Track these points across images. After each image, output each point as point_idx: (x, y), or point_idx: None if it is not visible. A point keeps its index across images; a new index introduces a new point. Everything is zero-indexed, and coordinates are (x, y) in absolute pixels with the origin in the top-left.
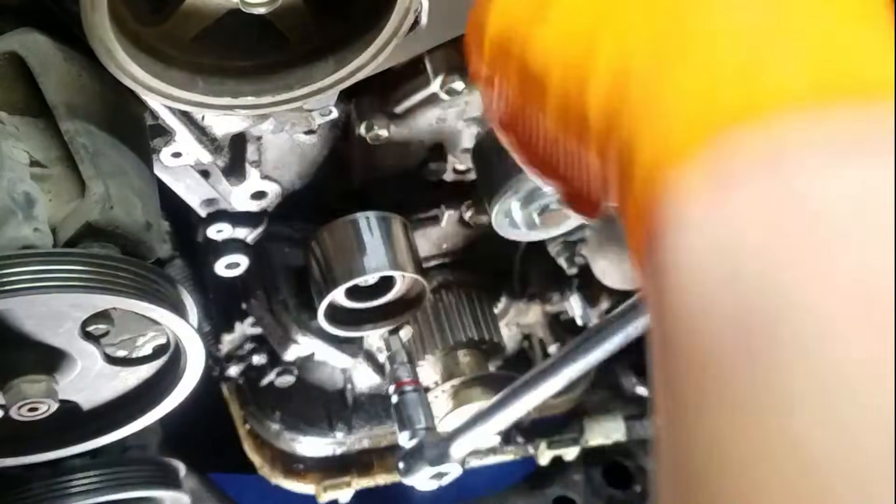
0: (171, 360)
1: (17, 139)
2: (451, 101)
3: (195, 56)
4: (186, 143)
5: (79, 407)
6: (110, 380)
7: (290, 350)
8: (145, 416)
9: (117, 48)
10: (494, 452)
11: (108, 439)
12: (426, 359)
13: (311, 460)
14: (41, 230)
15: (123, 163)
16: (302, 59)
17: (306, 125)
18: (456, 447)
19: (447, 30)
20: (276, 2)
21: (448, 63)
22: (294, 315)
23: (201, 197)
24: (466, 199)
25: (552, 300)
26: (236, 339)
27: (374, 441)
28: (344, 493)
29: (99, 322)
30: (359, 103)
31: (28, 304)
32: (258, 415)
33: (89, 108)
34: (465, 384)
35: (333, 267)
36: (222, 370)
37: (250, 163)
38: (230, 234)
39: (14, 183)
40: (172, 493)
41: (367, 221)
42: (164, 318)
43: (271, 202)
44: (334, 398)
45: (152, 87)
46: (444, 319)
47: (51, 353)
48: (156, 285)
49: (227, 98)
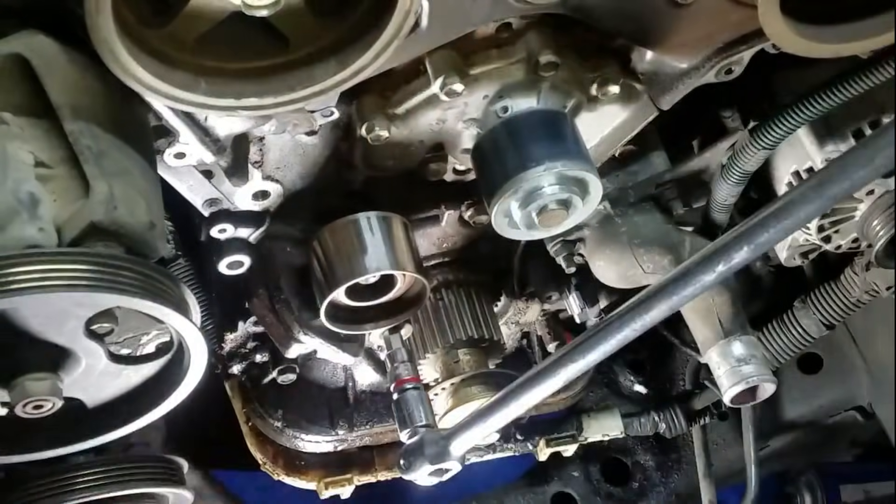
0: (175, 358)
1: (21, 140)
2: (450, 103)
3: (198, 58)
4: (189, 143)
5: (83, 404)
6: (114, 378)
7: (292, 348)
8: (149, 413)
9: (121, 50)
10: (494, 449)
11: (112, 436)
12: (427, 357)
13: (313, 457)
14: (46, 230)
15: (127, 163)
16: (304, 61)
17: (308, 126)
18: (456, 444)
19: (447, 31)
20: (278, 4)
21: (448, 64)
22: (296, 313)
23: (204, 197)
24: (466, 199)
25: (551, 299)
26: (239, 337)
27: (375, 438)
28: (345, 490)
29: (103, 320)
30: (360, 104)
31: (33, 302)
32: (261, 412)
33: (93, 110)
34: (465, 382)
35: (335, 266)
36: (225, 368)
37: (253, 163)
38: (233, 234)
39: (19, 183)
40: (176, 490)
41: (368, 221)
42: (168, 316)
43: (273, 202)
44: (336, 396)
45: (156, 89)
46: (444, 318)
47: (55, 352)
48: (159, 284)
49: (230, 99)
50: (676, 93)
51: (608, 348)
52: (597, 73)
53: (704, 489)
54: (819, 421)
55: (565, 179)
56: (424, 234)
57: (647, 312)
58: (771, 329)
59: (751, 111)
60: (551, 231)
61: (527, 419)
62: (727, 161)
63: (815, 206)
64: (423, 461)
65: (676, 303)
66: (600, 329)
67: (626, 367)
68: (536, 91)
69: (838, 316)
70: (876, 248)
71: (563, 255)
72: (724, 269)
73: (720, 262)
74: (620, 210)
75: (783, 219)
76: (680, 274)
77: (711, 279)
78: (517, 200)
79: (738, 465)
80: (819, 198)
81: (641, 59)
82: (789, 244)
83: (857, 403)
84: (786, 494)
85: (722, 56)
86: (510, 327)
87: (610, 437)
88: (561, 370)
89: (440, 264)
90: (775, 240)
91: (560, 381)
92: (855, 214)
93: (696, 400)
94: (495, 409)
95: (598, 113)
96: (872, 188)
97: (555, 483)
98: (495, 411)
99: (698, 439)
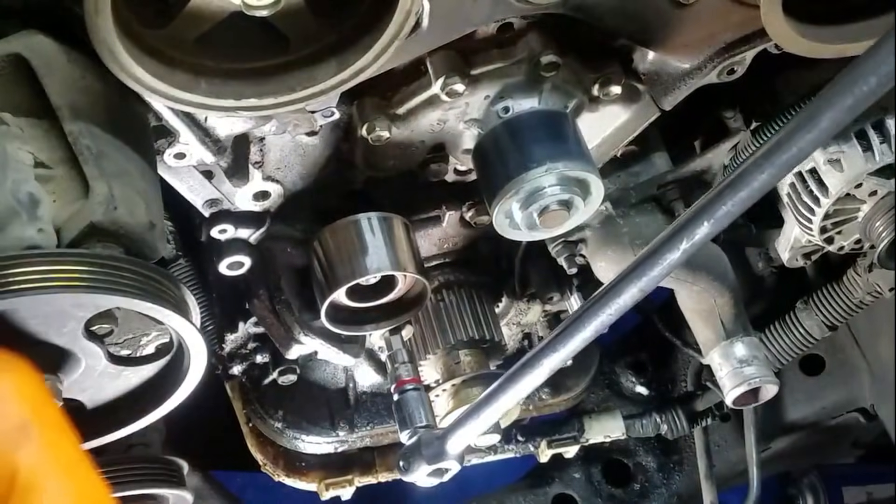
0: (175, 359)
1: (21, 140)
2: (451, 103)
3: (198, 58)
4: (190, 144)
5: (83, 405)
6: (114, 379)
7: (292, 349)
8: (149, 414)
9: (121, 50)
10: (495, 451)
11: (112, 437)
12: (427, 358)
13: (314, 458)
14: (45, 230)
15: (127, 164)
16: (304, 61)
17: (308, 126)
18: (451, 443)
19: (448, 32)
20: (278, 4)
21: (449, 65)
22: (296, 314)
23: (204, 197)
24: (467, 200)
25: (552, 300)
26: (239, 338)
27: (375, 439)
28: (346, 491)
29: (102, 321)
30: (361, 105)
31: (32, 303)
32: (261, 413)
33: (93, 110)
34: (466, 383)
35: (335, 267)
36: (226, 369)
37: (253, 164)
38: (233, 235)
39: (18, 184)
40: (176, 491)
41: (369, 222)
42: (167, 317)
43: (274, 202)
44: (336, 397)
45: (155, 89)
46: (445, 319)
47: (55, 353)
48: (159, 285)
49: (230, 100)
50: (678, 93)
51: (587, 335)
52: (598, 73)
53: (706, 491)
54: (821, 422)
55: (567, 180)
56: (425, 234)
57: (620, 296)
58: (773, 330)
59: (753, 112)
60: (553, 232)
61: (528, 420)
62: (729, 162)
63: (766, 174)
64: (420, 462)
65: (647, 284)
66: (577, 317)
67: (627, 368)
68: (538, 91)
69: (841, 317)
70: (878, 250)
71: (564, 256)
72: (687, 247)
73: (683, 239)
74: (622, 211)
75: (739, 190)
76: (647, 255)
77: (677, 257)
78: (518, 201)
79: (740, 466)
80: (770, 165)
81: (643, 59)
82: (792, 245)
83: (860, 405)
84: (788, 496)
85: (724, 56)
86: (511, 328)
87: (611, 438)
88: (544, 360)
89: (441, 265)
90: (734, 212)
91: (545, 372)
92: (857, 215)
93: (698, 401)
94: (486, 404)
95: (600, 113)
96: (875, 189)
97: (556, 484)
98: (486, 406)
99: (700, 441)
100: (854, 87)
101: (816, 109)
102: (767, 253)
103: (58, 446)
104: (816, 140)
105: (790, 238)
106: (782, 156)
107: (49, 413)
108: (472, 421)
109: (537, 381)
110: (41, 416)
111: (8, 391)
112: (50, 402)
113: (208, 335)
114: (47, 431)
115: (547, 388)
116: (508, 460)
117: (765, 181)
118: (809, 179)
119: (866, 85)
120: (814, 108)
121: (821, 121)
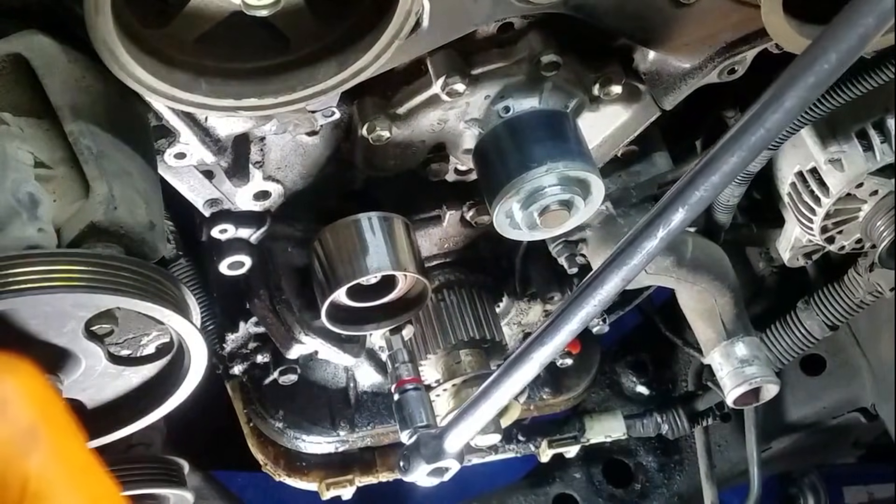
0: (175, 358)
1: (21, 140)
2: (452, 103)
3: (198, 58)
4: (190, 143)
5: (83, 406)
6: (114, 378)
7: (293, 349)
8: (149, 414)
9: (121, 50)
10: (496, 450)
11: (113, 437)
12: (428, 358)
13: (314, 458)
14: (45, 230)
15: (127, 164)
16: (304, 61)
17: (309, 126)
18: (449, 442)
19: (449, 31)
20: (278, 4)
21: (449, 65)
22: (297, 314)
23: (205, 197)
24: (468, 200)
25: (553, 299)
26: (240, 337)
27: (376, 439)
28: (346, 491)
29: (103, 321)
30: (361, 104)
31: (32, 303)
32: (262, 413)
33: (93, 110)
34: (466, 383)
35: (336, 267)
36: (226, 368)
37: (253, 163)
38: (234, 234)
39: (18, 184)
40: (176, 491)
41: (370, 222)
42: (168, 317)
43: (274, 202)
44: (337, 396)
45: (156, 89)
46: (445, 319)
47: (55, 353)
48: (159, 285)
49: (231, 99)
50: (679, 93)
51: (574, 327)
52: (599, 72)
53: (707, 491)
54: (822, 422)
55: (567, 180)
56: (426, 234)
57: (603, 287)
58: (774, 330)
59: None
60: (553, 232)
61: (529, 420)
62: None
63: (737, 157)
64: (420, 461)
65: (628, 273)
66: (562, 311)
67: (628, 368)
68: (538, 91)
69: (842, 317)
70: (879, 249)
71: (565, 256)
72: (665, 234)
73: (660, 226)
74: (623, 210)
75: (710, 175)
76: (626, 245)
77: (655, 244)
78: (519, 201)
79: (741, 466)
80: (739, 148)
81: (644, 58)
82: (793, 244)
83: (861, 405)
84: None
85: (725, 56)
86: (512, 328)
87: (612, 438)
88: (534, 354)
89: (442, 265)
90: (708, 198)
91: (536, 366)
92: (858, 215)
93: (699, 401)
94: (479, 401)
95: (601, 113)
96: (876, 188)
97: (557, 484)
98: (480, 403)
99: (701, 441)
100: (815, 64)
101: (780, 89)
102: (768, 253)
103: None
104: (783, 120)
105: (791, 238)
106: (750, 138)
107: (57, 415)
108: (468, 418)
109: (529, 376)
110: (49, 419)
111: (14, 393)
112: (57, 404)
113: (209, 335)
114: (56, 434)
115: (548, 387)
116: (509, 460)
117: (735, 164)
118: (810, 179)
119: (827, 63)
120: (778, 89)
121: (785, 100)
